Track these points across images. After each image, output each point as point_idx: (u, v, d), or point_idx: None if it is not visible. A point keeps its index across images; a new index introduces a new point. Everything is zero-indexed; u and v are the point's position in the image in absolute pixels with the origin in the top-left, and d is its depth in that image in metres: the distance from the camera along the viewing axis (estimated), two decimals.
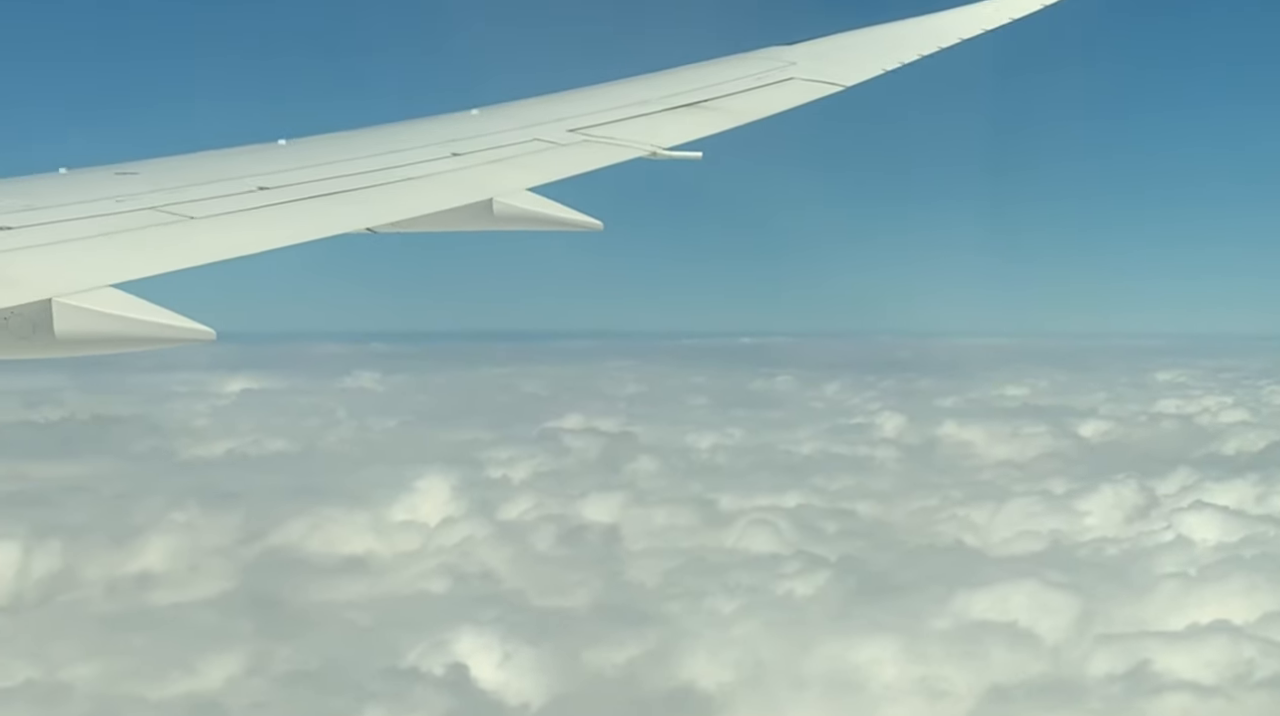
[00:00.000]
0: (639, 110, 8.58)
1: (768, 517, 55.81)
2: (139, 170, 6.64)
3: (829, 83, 9.48)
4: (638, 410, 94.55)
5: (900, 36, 10.55)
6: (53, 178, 6.51)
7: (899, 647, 38.52)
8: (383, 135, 7.87)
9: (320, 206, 6.36)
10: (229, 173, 6.63)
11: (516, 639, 36.36)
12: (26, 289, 4.82)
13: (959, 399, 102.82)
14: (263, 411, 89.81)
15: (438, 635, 37.34)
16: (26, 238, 5.35)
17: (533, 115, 8.38)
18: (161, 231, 5.74)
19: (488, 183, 7.03)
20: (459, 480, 61.94)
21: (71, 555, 51.61)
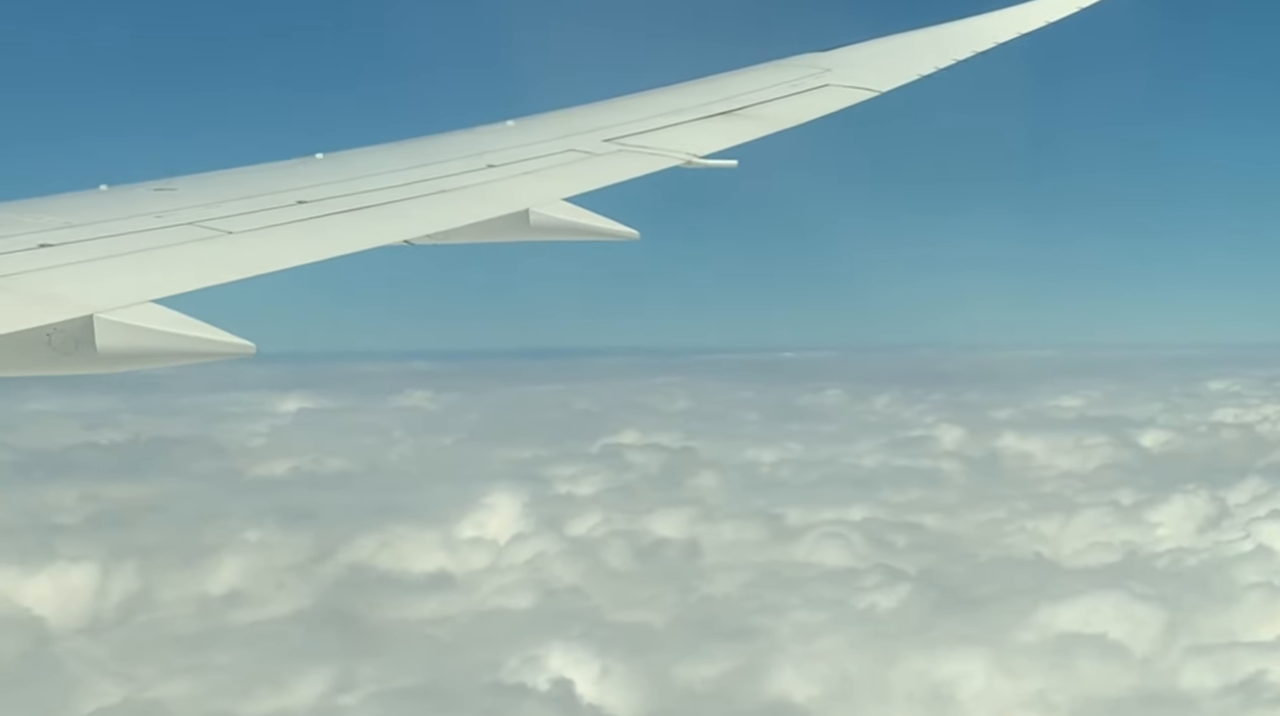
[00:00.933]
0: (674, 119, 8.56)
1: (838, 531, 55.67)
2: (178, 186, 6.65)
3: (865, 88, 9.42)
4: (692, 425, 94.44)
5: (936, 41, 10.45)
6: (92, 194, 6.51)
7: (986, 660, 38.35)
8: (418, 148, 7.88)
9: (358, 220, 6.37)
10: (267, 187, 6.64)
11: (608, 654, 36.40)
12: (68, 306, 4.84)
13: (1014, 411, 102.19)
14: (320, 430, 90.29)
15: (527, 651, 37.43)
16: (67, 254, 5.36)
17: (568, 126, 8.37)
18: (201, 247, 5.74)
19: (523, 193, 7.03)
20: (524, 496, 62.11)
21: (147, 575, 52.04)
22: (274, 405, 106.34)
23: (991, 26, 10.69)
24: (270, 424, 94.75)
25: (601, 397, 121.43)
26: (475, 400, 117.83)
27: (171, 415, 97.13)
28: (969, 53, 10.20)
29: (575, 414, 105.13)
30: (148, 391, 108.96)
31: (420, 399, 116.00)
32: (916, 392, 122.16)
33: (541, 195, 7.02)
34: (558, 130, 8.24)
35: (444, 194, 6.91)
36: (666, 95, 9.22)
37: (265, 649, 44.20)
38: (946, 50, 10.17)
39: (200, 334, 4.89)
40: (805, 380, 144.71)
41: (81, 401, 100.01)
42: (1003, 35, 10.56)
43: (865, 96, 9.33)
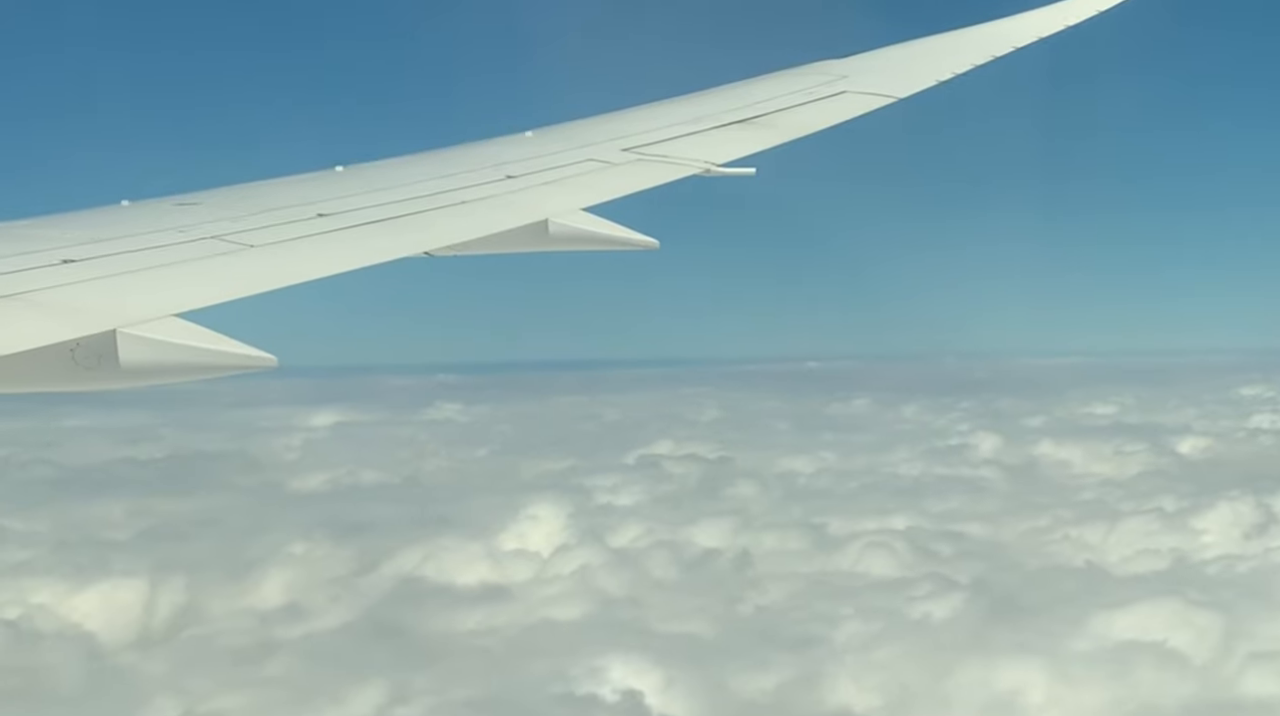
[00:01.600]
0: (692, 128, 8.57)
1: (882, 540, 55.55)
2: (200, 200, 6.66)
3: (882, 95, 9.38)
4: (725, 436, 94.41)
5: (953, 47, 10.40)
6: (115, 210, 6.52)
7: (1045, 670, 38.19)
8: (438, 159, 7.85)
9: (378, 232, 6.37)
10: (288, 200, 6.63)
11: (667, 665, 36.37)
12: (91, 320, 4.85)
13: (1047, 418, 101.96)
14: (355, 444, 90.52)
15: (586, 662, 37.43)
16: (90, 269, 5.37)
17: (586, 135, 8.37)
18: (223, 260, 5.76)
19: (543, 203, 7.03)
20: (565, 508, 62.12)
21: (195, 589, 52.17)
22: (306, 419, 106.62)
23: (1009, 31, 10.64)
24: (304, 438, 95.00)
25: (631, 408, 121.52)
26: (505, 412, 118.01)
27: (207, 430, 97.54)
28: (986, 58, 10.16)
29: (607, 425, 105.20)
30: (181, 406, 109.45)
31: (451, 411, 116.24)
32: (945, 401, 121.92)
33: (561, 205, 7.02)
34: (576, 140, 8.24)
35: (463, 205, 6.90)
36: (684, 104, 9.23)
37: (317, 661, 44.29)
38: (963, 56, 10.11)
39: (222, 347, 4.91)
40: (832, 390, 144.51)
41: (116, 417, 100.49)
42: (1020, 40, 10.49)
43: (883, 103, 9.30)
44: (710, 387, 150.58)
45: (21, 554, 54.10)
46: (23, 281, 5.13)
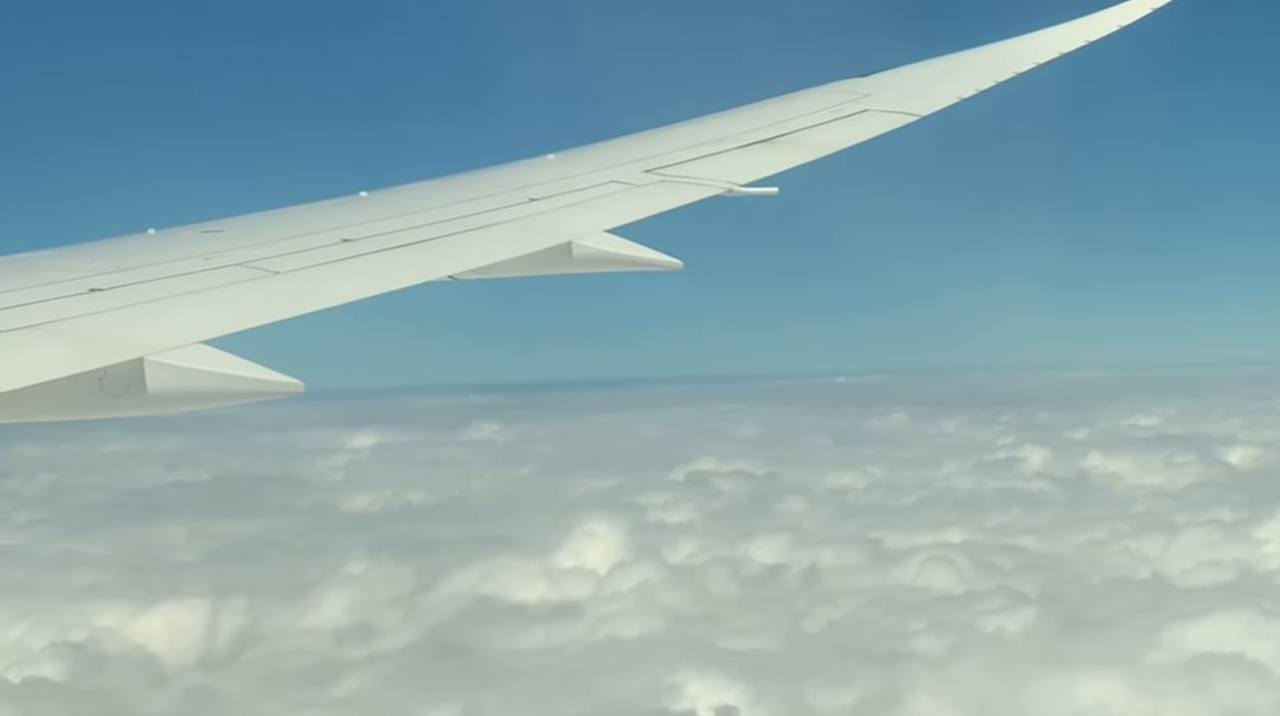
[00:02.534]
0: (714, 148, 8.54)
1: (942, 555, 55.24)
2: (224, 228, 6.66)
3: (905, 113, 9.34)
4: (767, 452, 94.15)
5: (975, 64, 10.32)
6: (140, 238, 6.53)
7: (1123, 683, 37.85)
8: (460, 184, 7.87)
9: (402, 256, 6.37)
10: (312, 226, 6.65)
11: (745, 681, 36.18)
12: (118, 349, 4.87)
13: (1091, 431, 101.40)
14: (399, 465, 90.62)
15: (663, 679, 37.26)
16: (117, 298, 5.39)
17: (608, 157, 8.35)
18: (249, 287, 5.76)
19: (566, 226, 7.01)
20: (618, 525, 61.98)
21: (256, 610, 52.22)
22: (345, 441, 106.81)
23: (1030, 47, 10.55)
24: (347, 459, 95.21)
25: (667, 426, 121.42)
26: (544, 431, 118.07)
27: (248, 453, 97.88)
28: (1008, 74, 10.08)
29: (646, 442, 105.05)
30: (217, 431, 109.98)
31: (490, 431, 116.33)
32: (983, 415, 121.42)
33: (584, 227, 7.02)
34: (599, 162, 8.24)
35: (487, 228, 6.90)
36: (706, 125, 9.22)
37: (385, 682, 44.22)
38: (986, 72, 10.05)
39: (249, 373, 4.93)
40: (866, 404, 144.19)
41: (154, 442, 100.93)
42: (1042, 56, 10.41)
43: (906, 121, 9.27)
44: (743, 404, 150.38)
45: (85, 577, 54.26)
46: (50, 311, 5.17)
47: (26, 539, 61.14)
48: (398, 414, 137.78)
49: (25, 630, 48.01)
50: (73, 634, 47.84)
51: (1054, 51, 10.49)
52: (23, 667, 44.28)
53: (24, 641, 47.20)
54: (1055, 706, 36.43)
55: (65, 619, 48.98)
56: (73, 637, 47.48)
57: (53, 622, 48.65)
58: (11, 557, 57.14)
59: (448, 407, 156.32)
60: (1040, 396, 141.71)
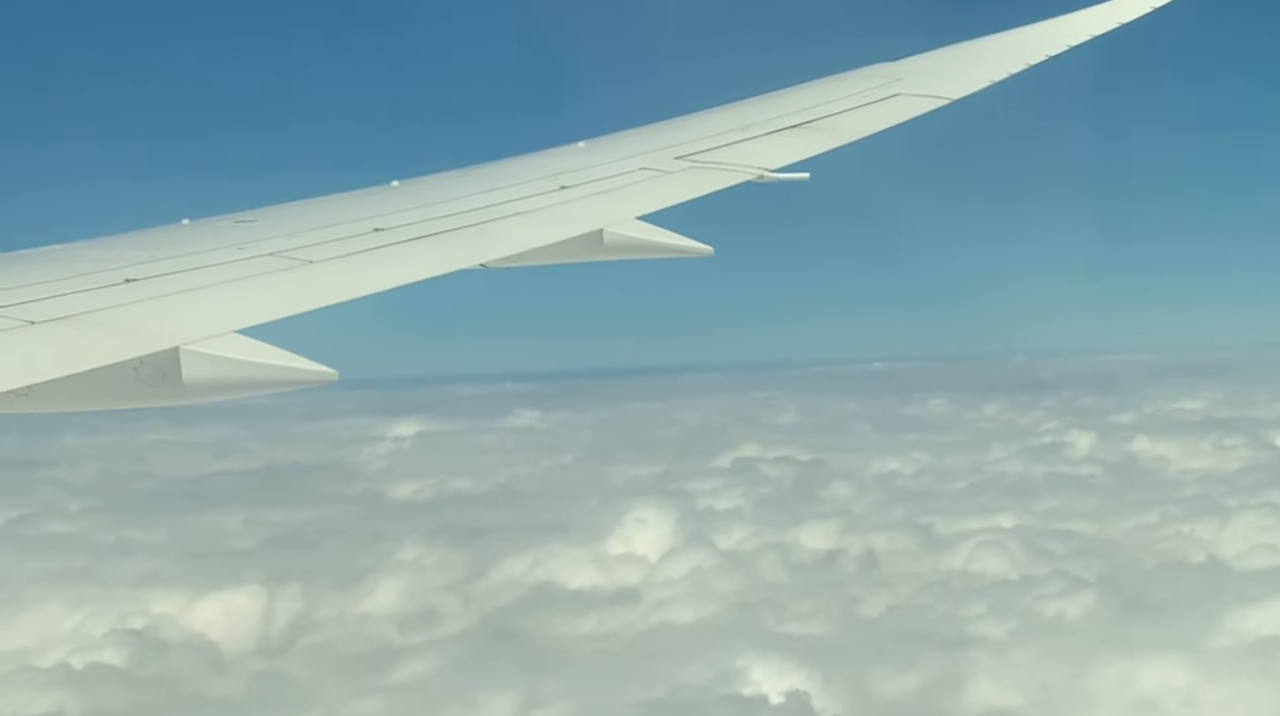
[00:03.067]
0: (745, 134, 8.51)
1: (994, 539, 55.05)
2: (258, 218, 6.69)
3: (936, 96, 9.27)
4: (810, 438, 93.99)
5: (1006, 46, 10.26)
6: (175, 228, 6.55)
7: (1187, 667, 37.63)
8: (491, 172, 7.87)
9: (434, 245, 6.38)
10: (345, 216, 6.66)
11: (807, 666, 36.16)
12: (154, 338, 4.88)
13: (1135, 415, 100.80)
14: (443, 452, 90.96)
15: (724, 664, 37.28)
16: (152, 288, 5.41)
17: (639, 144, 8.34)
18: (282, 277, 5.77)
19: (597, 213, 7.02)
20: (667, 512, 61.97)
21: (311, 597, 52.52)
22: (387, 429, 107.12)
23: (1062, 30, 10.49)
24: (391, 447, 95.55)
25: (706, 413, 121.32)
26: (584, 418, 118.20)
27: (291, 442, 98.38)
28: (1040, 57, 10.01)
29: (688, 430, 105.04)
30: (258, 420, 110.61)
31: (531, 419, 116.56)
32: (1024, 399, 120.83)
33: (615, 214, 7.03)
34: (629, 149, 8.23)
35: (518, 216, 6.91)
36: (736, 110, 9.18)
37: (443, 667, 44.38)
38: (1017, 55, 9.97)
39: (283, 363, 4.93)
40: (905, 390, 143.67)
41: (197, 431, 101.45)
42: (1074, 38, 10.33)
43: (937, 104, 9.20)
44: (781, 391, 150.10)
45: (140, 564, 54.71)
46: (86, 301, 5.20)
47: (81, 527, 61.70)
48: (436, 402, 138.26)
49: (85, 617, 48.45)
50: (132, 621, 48.26)
51: (1086, 34, 10.43)
52: (85, 654, 44.69)
53: (84, 628, 47.64)
54: (1119, 691, 36.28)
55: (123, 606, 49.41)
56: (132, 624, 47.89)
57: (111, 610, 49.09)
58: (68, 545, 57.67)
59: (485, 396, 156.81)
60: (1081, 381, 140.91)
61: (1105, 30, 10.50)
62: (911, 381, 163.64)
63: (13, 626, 47.24)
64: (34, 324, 4.91)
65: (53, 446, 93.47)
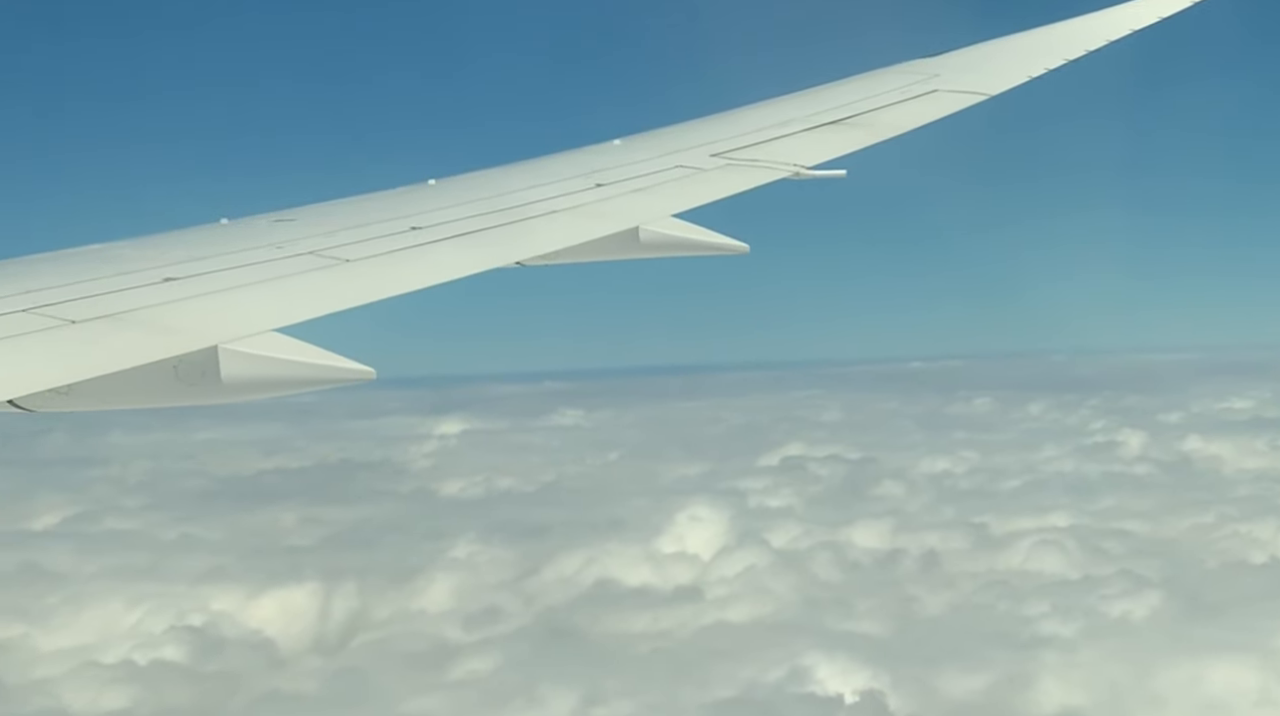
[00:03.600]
0: (781, 131, 8.46)
1: (1052, 538, 54.69)
2: (296, 217, 6.71)
3: (975, 92, 9.17)
4: (855, 437, 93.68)
5: (1045, 42, 10.11)
6: (214, 228, 6.58)
7: (1256, 668, 37.23)
8: (527, 170, 7.88)
9: (471, 243, 6.40)
10: (382, 214, 6.69)
11: (873, 665, 35.99)
12: (193, 337, 4.92)
13: (1184, 414, 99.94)
14: (489, 450, 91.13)
15: (789, 663, 37.14)
16: (191, 287, 5.45)
17: (675, 142, 8.32)
18: (320, 275, 5.80)
19: (633, 211, 7.01)
20: (718, 510, 61.95)
21: (366, 594, 52.70)
22: (431, 428, 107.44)
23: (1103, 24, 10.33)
24: (437, 445, 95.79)
25: (750, 412, 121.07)
26: (627, 417, 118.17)
27: (337, 439, 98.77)
28: (1080, 52, 9.86)
29: (733, 428, 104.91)
30: (303, 418, 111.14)
31: (575, 417, 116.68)
32: (1068, 399, 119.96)
33: (651, 212, 7.02)
34: (665, 147, 8.22)
35: (554, 214, 6.92)
36: (773, 107, 9.14)
37: (501, 664, 44.43)
38: (1057, 50, 9.83)
39: (321, 361, 4.95)
40: (946, 389, 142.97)
41: (245, 430, 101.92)
42: (1114, 33, 10.17)
43: (975, 100, 9.09)
44: (822, 389, 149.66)
45: (196, 562, 55.03)
46: (126, 300, 5.25)
47: (140, 524, 62.15)
48: (478, 401, 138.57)
49: (144, 614, 48.76)
50: (191, 617, 48.54)
51: (1127, 28, 10.28)
52: (147, 651, 44.99)
53: (144, 625, 47.95)
54: (1189, 692, 35.91)
55: (181, 602, 49.71)
56: (191, 621, 48.17)
57: (170, 606, 49.38)
58: (126, 542, 58.09)
59: (526, 394, 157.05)
60: (1123, 379, 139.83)
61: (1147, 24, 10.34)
62: (952, 380, 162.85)
63: (74, 622, 47.61)
64: (74, 323, 4.95)
65: (101, 444, 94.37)
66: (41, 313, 5.03)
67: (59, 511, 63.15)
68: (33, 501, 65.04)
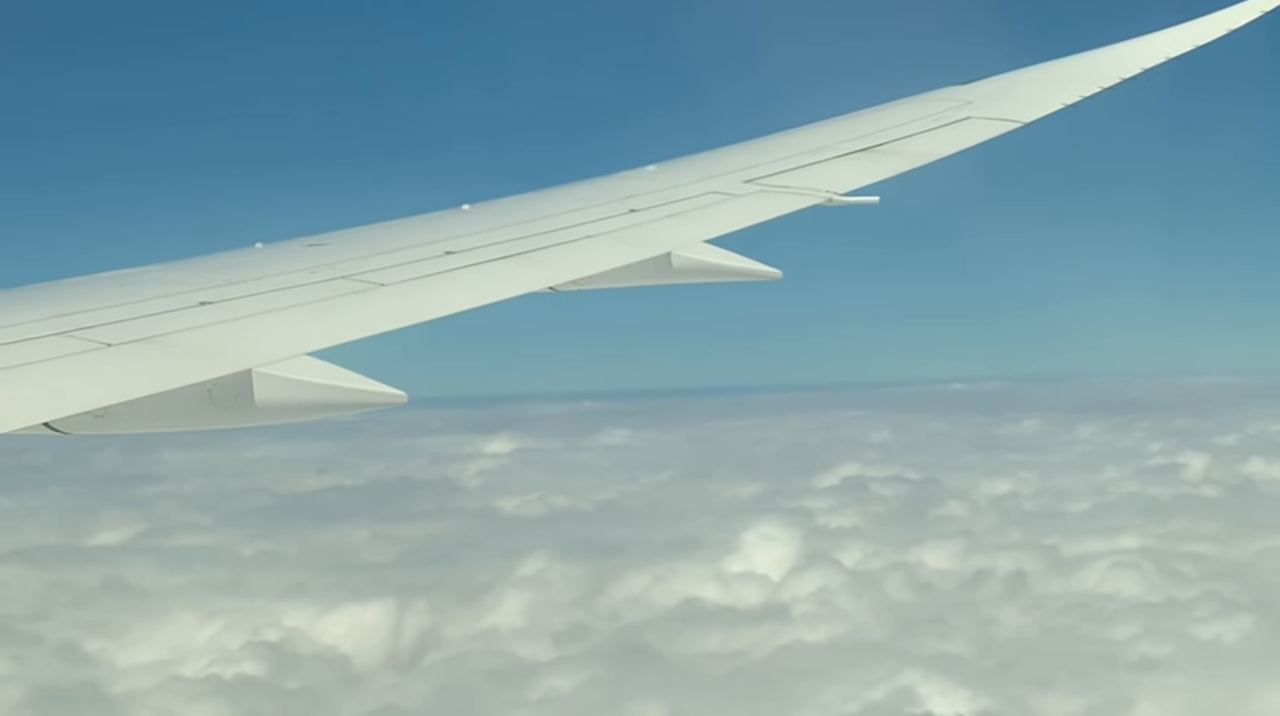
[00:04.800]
0: (814, 158, 8.50)
1: (1128, 560, 54.19)
2: (329, 241, 6.76)
3: (1008, 120, 9.20)
4: (909, 457, 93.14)
5: (1079, 69, 10.12)
6: (249, 252, 6.64)
7: None
8: (561, 195, 7.90)
9: (504, 268, 6.43)
10: (415, 239, 6.74)
11: (967, 687, 35.64)
12: (228, 360, 4.97)
13: (1239, 436, 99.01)
14: (543, 469, 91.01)
15: (886, 683, 36.79)
16: (226, 311, 5.51)
17: (708, 168, 8.36)
18: (353, 299, 5.85)
19: (666, 236, 7.05)
20: (782, 530, 61.66)
21: (436, 612, 52.59)
22: (481, 446, 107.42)
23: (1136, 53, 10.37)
24: (490, 464, 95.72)
25: (795, 432, 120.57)
26: (675, 437, 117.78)
27: (391, 458, 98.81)
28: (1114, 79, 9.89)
29: (785, 447, 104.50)
30: (352, 436, 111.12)
31: (623, 437, 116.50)
32: (1117, 421, 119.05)
33: (684, 237, 7.07)
34: (698, 173, 8.27)
35: (588, 239, 6.96)
36: (806, 134, 9.17)
37: (580, 684, 44.26)
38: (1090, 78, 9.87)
39: (353, 385, 4.99)
40: (992, 411, 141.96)
41: (294, 448, 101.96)
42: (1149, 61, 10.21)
43: (1008, 128, 9.14)
44: (865, 410, 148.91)
45: (265, 578, 55.10)
46: (162, 323, 5.30)
47: (214, 540, 62.30)
48: (522, 420, 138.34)
49: (219, 629, 48.83)
50: (265, 633, 48.57)
51: (1160, 56, 10.31)
52: (226, 665, 45.04)
53: (220, 640, 48.01)
54: None
55: (256, 619, 49.77)
56: (267, 637, 48.20)
57: (243, 622, 49.46)
58: (195, 559, 58.20)
59: (569, 414, 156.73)
60: (1170, 403, 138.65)
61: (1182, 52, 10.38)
62: (997, 401, 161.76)
63: (152, 637, 47.70)
64: (110, 346, 5.00)
65: (154, 461, 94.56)
66: (77, 336, 5.06)
67: (127, 527, 63.41)
68: (99, 517, 65.31)
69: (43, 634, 45.37)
